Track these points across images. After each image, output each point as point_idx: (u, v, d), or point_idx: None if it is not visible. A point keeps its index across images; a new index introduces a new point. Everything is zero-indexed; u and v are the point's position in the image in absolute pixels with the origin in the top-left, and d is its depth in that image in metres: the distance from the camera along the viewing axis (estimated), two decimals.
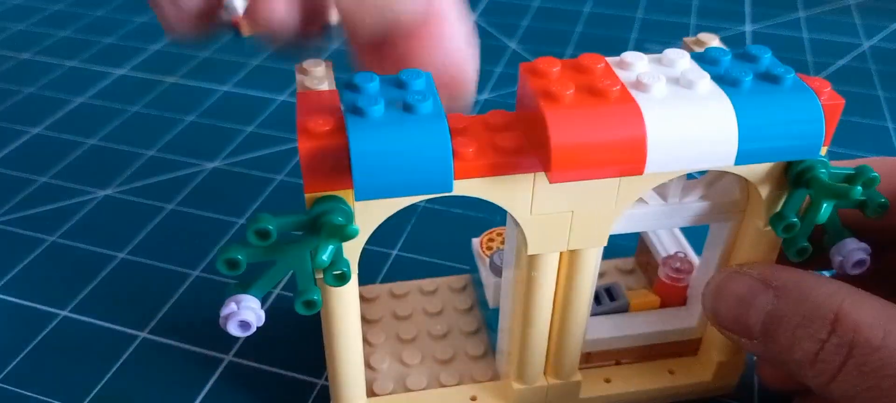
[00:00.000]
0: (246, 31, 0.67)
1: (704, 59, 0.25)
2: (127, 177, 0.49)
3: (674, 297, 0.33)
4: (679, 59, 0.25)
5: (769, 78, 0.24)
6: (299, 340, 0.36)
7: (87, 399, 0.34)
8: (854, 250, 0.27)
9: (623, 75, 0.24)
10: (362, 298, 0.37)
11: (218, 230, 0.44)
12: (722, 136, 0.23)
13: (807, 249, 0.27)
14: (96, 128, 0.54)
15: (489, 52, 0.66)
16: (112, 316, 0.38)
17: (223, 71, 0.62)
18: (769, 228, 0.27)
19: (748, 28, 0.70)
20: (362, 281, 0.38)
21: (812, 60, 0.65)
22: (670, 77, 0.24)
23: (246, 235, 0.23)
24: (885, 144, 0.54)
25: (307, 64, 0.28)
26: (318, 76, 0.27)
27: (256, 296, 0.24)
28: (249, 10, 0.25)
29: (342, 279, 0.24)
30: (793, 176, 0.26)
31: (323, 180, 0.23)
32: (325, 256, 0.22)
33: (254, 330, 0.24)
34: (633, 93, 0.23)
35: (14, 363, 0.35)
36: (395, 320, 0.36)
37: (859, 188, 0.24)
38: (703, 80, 0.24)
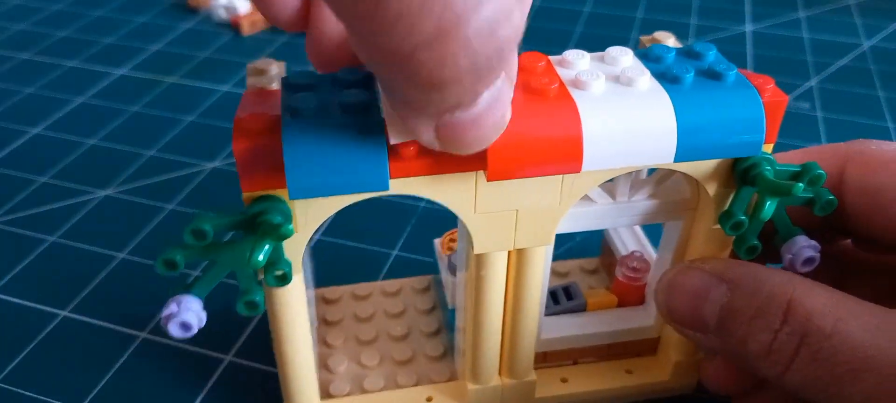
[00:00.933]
0: (246, 30, 0.67)
1: (648, 57, 0.25)
2: (127, 177, 0.48)
3: (631, 296, 0.33)
4: (621, 57, 0.25)
5: (711, 75, 0.24)
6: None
7: (87, 399, 0.34)
8: (804, 247, 0.27)
9: (563, 73, 0.24)
10: (324, 300, 0.37)
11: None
12: (660, 133, 0.23)
13: (756, 247, 0.27)
14: (96, 128, 0.54)
15: None
16: (112, 316, 0.38)
17: (223, 71, 0.62)
18: (719, 226, 0.27)
19: (748, 28, 0.70)
20: (361, 279, 0.38)
21: (812, 60, 0.65)
22: (611, 75, 0.24)
23: (183, 235, 0.23)
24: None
25: (260, 63, 0.28)
26: (271, 75, 0.27)
27: (198, 297, 0.24)
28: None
29: (283, 279, 0.24)
30: (739, 173, 0.25)
31: (259, 179, 0.23)
32: (261, 256, 0.22)
33: (194, 331, 0.24)
34: (572, 90, 0.23)
35: (14, 363, 0.35)
36: (355, 321, 0.35)
37: (801, 185, 0.24)
38: (643, 77, 0.24)
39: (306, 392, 0.29)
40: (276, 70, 0.27)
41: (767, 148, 0.26)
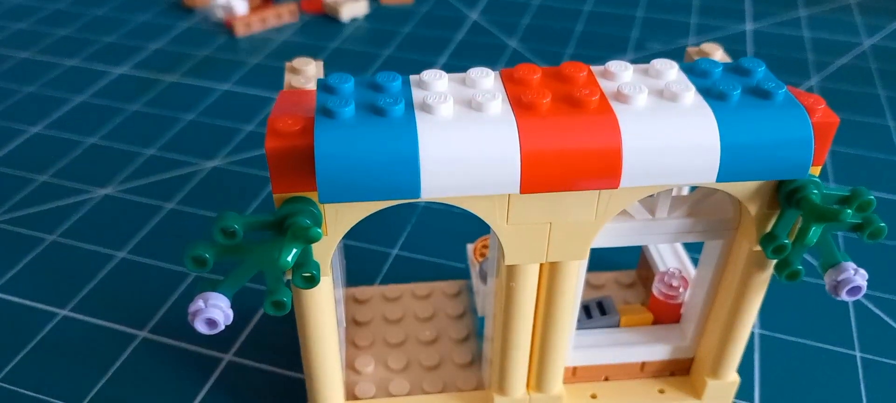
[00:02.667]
0: (240, 31, 0.67)
1: (694, 72, 0.25)
2: (127, 176, 0.49)
3: (667, 314, 0.32)
4: (667, 71, 0.24)
5: (759, 93, 0.23)
6: (299, 340, 0.36)
7: (87, 399, 0.34)
8: (851, 277, 0.26)
9: (606, 85, 0.24)
10: (354, 300, 0.36)
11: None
12: (703, 151, 0.22)
13: (799, 273, 0.26)
14: (96, 127, 0.54)
15: (489, 50, 0.66)
16: (112, 316, 0.38)
17: (223, 70, 0.62)
18: (760, 248, 0.26)
19: (749, 27, 0.70)
20: (361, 281, 0.38)
21: (813, 59, 0.64)
22: (655, 89, 0.24)
23: (213, 233, 0.23)
24: (885, 143, 0.53)
25: (298, 62, 0.27)
26: (307, 75, 0.27)
27: (225, 295, 0.24)
28: None
29: (311, 281, 0.24)
30: (783, 195, 0.25)
31: (291, 180, 0.23)
32: (289, 258, 0.22)
33: (222, 328, 0.24)
34: (613, 103, 0.23)
35: (14, 363, 0.35)
36: (384, 323, 0.35)
37: (849, 211, 0.23)
38: (688, 93, 0.23)
39: (331, 393, 0.29)
40: (313, 70, 0.27)
41: (815, 170, 0.25)
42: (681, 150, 0.22)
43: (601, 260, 0.41)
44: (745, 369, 0.35)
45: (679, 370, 0.33)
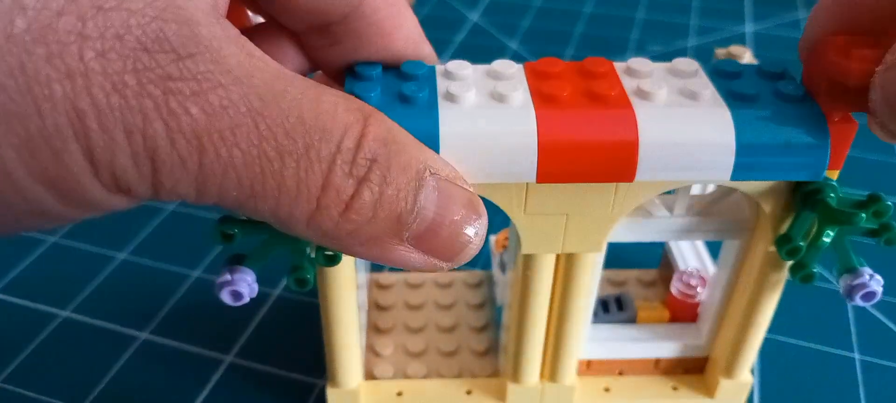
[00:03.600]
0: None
1: (717, 72, 0.25)
2: None
3: (684, 313, 0.33)
4: (688, 70, 0.25)
5: (779, 95, 0.24)
6: (299, 340, 0.36)
7: (87, 399, 0.34)
8: (866, 282, 0.26)
9: (627, 81, 0.24)
10: (378, 285, 0.37)
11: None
12: (718, 150, 0.23)
13: (813, 276, 0.26)
14: None
15: (489, 52, 0.66)
16: (112, 316, 0.38)
17: None
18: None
19: (748, 28, 0.69)
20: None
21: None
22: (675, 86, 0.24)
23: None
24: (884, 144, 0.52)
25: None
26: None
27: (252, 269, 0.25)
28: None
29: (333, 260, 0.25)
30: (800, 197, 0.25)
31: None
32: None
33: (246, 300, 0.25)
34: (633, 99, 0.23)
35: (14, 363, 0.35)
36: (406, 309, 0.36)
37: (863, 215, 0.23)
38: (707, 92, 0.23)
39: (350, 370, 0.30)
40: None
41: (834, 174, 0.25)
42: (696, 147, 0.22)
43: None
44: None
45: (693, 368, 0.33)
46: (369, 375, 0.32)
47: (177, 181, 0.17)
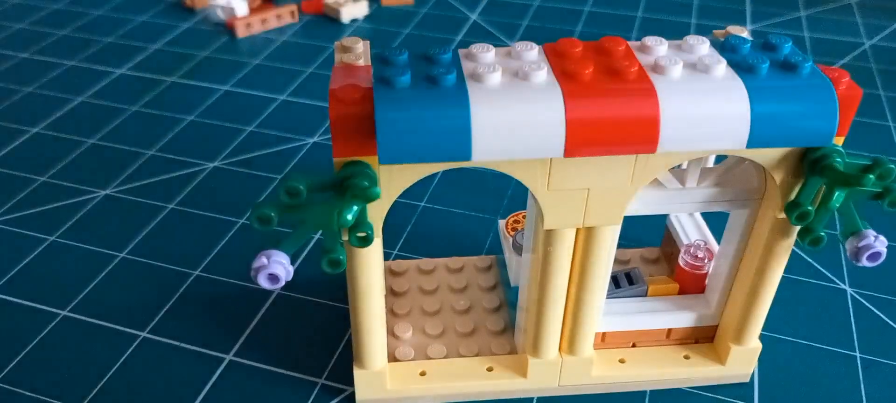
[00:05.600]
0: (241, 31, 0.68)
1: (724, 47, 0.26)
2: (127, 176, 0.49)
3: (693, 284, 0.34)
4: (699, 45, 0.26)
5: (786, 66, 0.25)
6: (299, 339, 0.37)
7: (87, 399, 0.34)
8: (871, 243, 0.27)
9: (643, 58, 0.25)
10: (391, 271, 0.38)
11: (218, 230, 0.44)
12: (734, 119, 0.24)
13: (821, 239, 0.27)
14: (96, 127, 0.54)
15: None
16: (112, 317, 0.38)
17: (223, 71, 0.62)
18: (785, 216, 0.28)
19: (748, 27, 0.70)
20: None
21: (813, 59, 0.64)
22: (688, 62, 0.25)
23: (278, 193, 0.24)
24: (886, 143, 0.54)
25: (347, 41, 0.29)
26: (357, 52, 0.29)
27: (286, 252, 0.26)
28: None
29: (366, 240, 0.25)
30: (808, 163, 0.26)
31: (350, 145, 0.24)
32: (350, 216, 0.24)
33: (282, 283, 0.25)
34: (651, 74, 0.24)
35: (14, 363, 0.35)
36: (420, 294, 0.37)
37: (871, 177, 0.25)
38: (720, 65, 0.25)
39: (377, 351, 0.31)
40: (361, 47, 0.29)
41: (839, 141, 0.26)
42: (713, 118, 0.24)
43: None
44: None
45: (703, 337, 0.34)
46: (392, 357, 0.33)
47: None
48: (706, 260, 0.33)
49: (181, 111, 0.57)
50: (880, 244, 0.27)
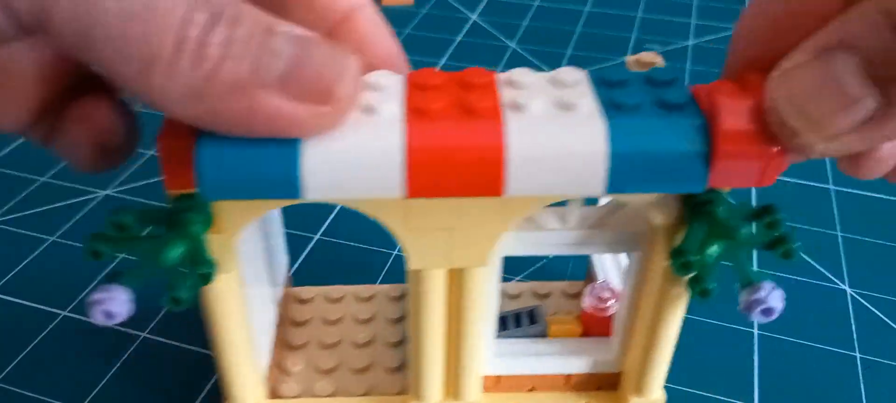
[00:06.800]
0: None
1: (603, 82, 0.24)
2: (127, 176, 0.49)
3: (599, 327, 0.32)
4: (570, 79, 0.24)
5: (662, 104, 0.23)
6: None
7: (87, 399, 0.34)
8: (764, 298, 0.25)
9: (506, 93, 0.24)
10: (297, 299, 0.37)
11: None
12: (589, 161, 0.22)
13: (710, 291, 0.25)
14: None
15: (489, 51, 0.66)
16: None
17: None
18: None
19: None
20: (362, 281, 0.38)
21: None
22: (553, 98, 0.23)
23: (105, 226, 0.23)
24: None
25: None
26: None
27: (128, 287, 0.24)
28: None
29: (205, 279, 0.24)
30: (690, 208, 0.24)
31: (180, 177, 0.23)
32: (173, 254, 0.22)
33: (120, 320, 0.24)
34: (507, 111, 0.22)
35: (14, 363, 0.36)
36: (322, 324, 0.35)
37: (747, 229, 0.23)
38: (585, 102, 0.23)
39: (245, 389, 0.29)
40: None
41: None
42: (566, 159, 0.22)
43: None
44: (744, 370, 0.35)
45: (607, 384, 0.32)
46: (274, 393, 0.32)
47: None
48: (611, 302, 0.31)
49: None
50: (774, 298, 0.25)
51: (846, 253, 0.43)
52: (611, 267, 0.34)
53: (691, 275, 0.25)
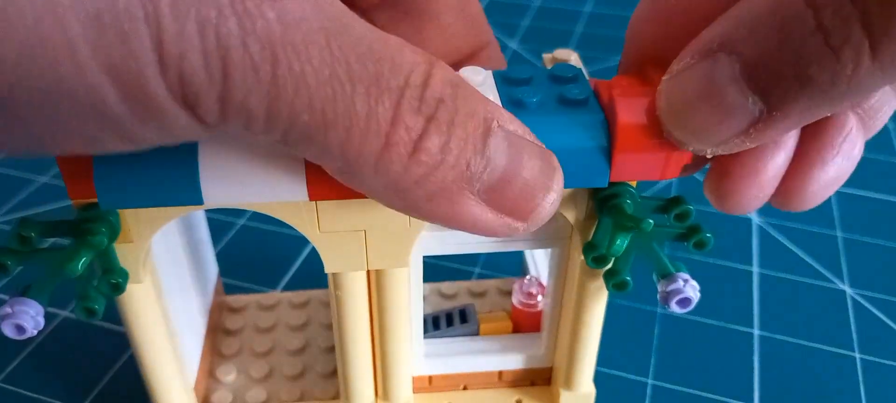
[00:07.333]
0: None
1: (507, 79, 0.24)
2: None
3: (528, 323, 0.32)
4: (473, 77, 0.24)
5: (563, 101, 0.23)
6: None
7: (87, 400, 0.34)
8: (681, 288, 0.25)
9: None
10: (228, 308, 0.36)
11: (217, 230, 0.43)
12: None
13: (626, 283, 0.25)
14: None
15: None
16: (113, 317, 0.37)
17: None
18: None
19: None
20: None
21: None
22: None
23: (9, 238, 0.23)
24: (884, 145, 0.53)
25: None
26: None
27: (37, 300, 0.24)
28: None
29: (116, 289, 0.24)
30: (597, 203, 0.24)
31: (82, 187, 0.22)
32: (79, 265, 0.22)
33: (31, 333, 0.24)
34: None
35: (14, 363, 0.36)
36: (255, 332, 0.35)
37: (650, 221, 0.23)
38: None
39: (170, 396, 0.29)
40: None
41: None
42: None
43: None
44: (744, 370, 0.35)
45: (540, 380, 0.32)
46: (206, 402, 0.31)
47: (248, 92, 0.16)
48: (539, 297, 0.32)
49: None
50: (690, 289, 0.25)
51: (846, 254, 0.43)
52: (542, 262, 0.35)
53: (606, 269, 0.26)
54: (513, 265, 0.40)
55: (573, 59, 0.30)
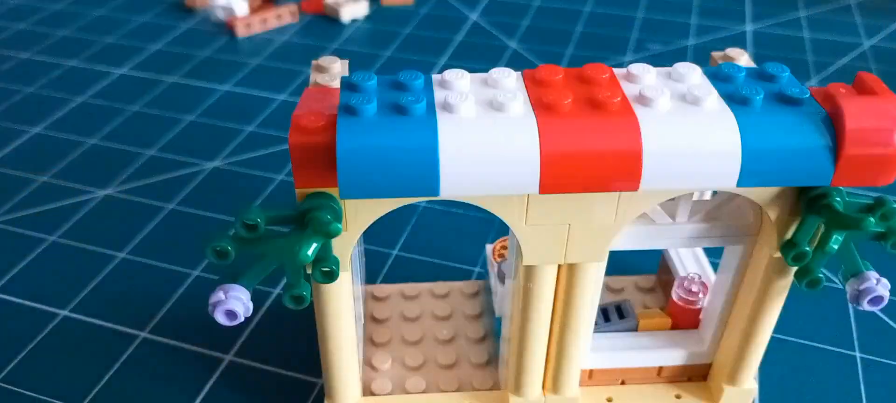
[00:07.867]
0: (241, 31, 0.68)
1: (717, 76, 0.25)
2: (127, 176, 0.49)
3: (686, 319, 0.32)
4: (689, 74, 0.24)
5: (783, 98, 0.23)
6: (299, 340, 0.36)
7: (87, 399, 0.34)
8: (873, 287, 0.26)
9: (628, 87, 0.24)
10: (373, 297, 0.37)
11: (218, 230, 0.44)
12: (724, 156, 0.22)
13: (819, 281, 0.26)
14: (96, 127, 0.54)
15: (489, 51, 0.66)
16: (112, 316, 0.38)
17: (223, 71, 0.62)
18: (780, 255, 0.26)
19: (749, 27, 0.70)
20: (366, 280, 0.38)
21: (812, 60, 0.64)
22: (677, 92, 0.23)
23: (235, 226, 0.23)
24: None
25: (324, 60, 0.28)
26: (333, 73, 0.27)
27: (246, 287, 0.24)
28: None
29: (330, 276, 0.24)
30: (806, 202, 0.24)
31: (313, 176, 0.23)
32: (309, 252, 0.22)
33: (241, 320, 0.24)
34: (635, 106, 0.23)
35: (14, 363, 0.35)
36: (402, 321, 0.35)
37: (872, 219, 0.23)
38: (711, 97, 0.23)
39: (348, 387, 0.29)
40: (338, 68, 0.27)
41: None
42: (701, 154, 0.22)
43: (621, 264, 0.41)
44: None
45: (696, 375, 0.32)
46: (367, 390, 0.32)
47: None
48: (700, 295, 0.32)
49: (181, 111, 0.57)
50: (882, 287, 0.26)
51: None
52: (689, 261, 0.35)
53: (800, 267, 0.26)
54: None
55: (743, 59, 0.30)
